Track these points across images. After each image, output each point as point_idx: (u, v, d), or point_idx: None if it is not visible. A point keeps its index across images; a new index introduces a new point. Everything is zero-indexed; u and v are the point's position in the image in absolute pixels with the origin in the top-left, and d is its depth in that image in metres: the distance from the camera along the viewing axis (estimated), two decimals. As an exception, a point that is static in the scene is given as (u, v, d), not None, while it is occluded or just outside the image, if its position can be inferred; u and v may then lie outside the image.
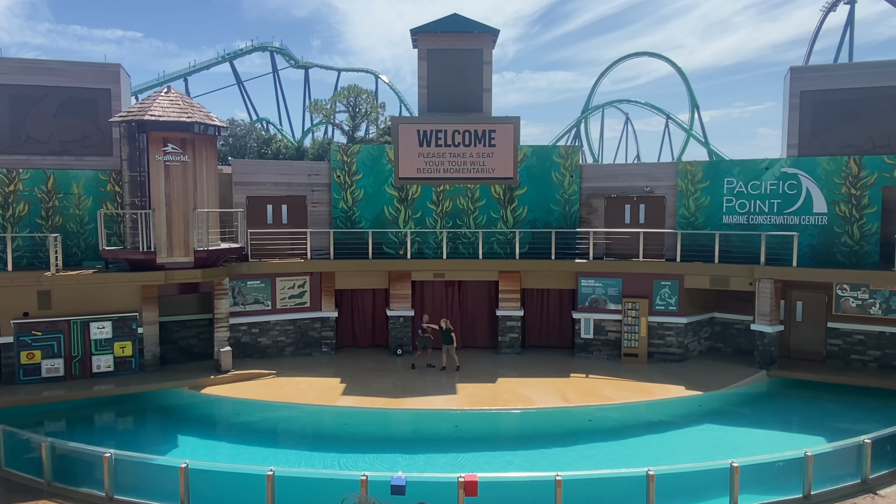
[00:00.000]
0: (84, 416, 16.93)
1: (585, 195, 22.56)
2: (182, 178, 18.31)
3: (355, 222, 22.34)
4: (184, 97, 19.33)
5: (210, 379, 18.57)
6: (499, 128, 22.20)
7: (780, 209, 20.79)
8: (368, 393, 17.74)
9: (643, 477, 11.05)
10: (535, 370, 20.14)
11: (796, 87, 20.82)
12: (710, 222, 21.48)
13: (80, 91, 19.98)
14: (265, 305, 21.35)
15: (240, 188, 21.56)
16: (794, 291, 20.69)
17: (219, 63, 79.09)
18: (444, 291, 22.93)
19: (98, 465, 11.77)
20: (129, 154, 18.18)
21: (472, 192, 22.48)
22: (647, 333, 21.05)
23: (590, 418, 16.54)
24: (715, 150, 72.45)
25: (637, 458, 14.18)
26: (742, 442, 15.25)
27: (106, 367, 18.75)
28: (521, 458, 14.25)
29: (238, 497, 11.68)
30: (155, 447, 14.61)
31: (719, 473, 11.42)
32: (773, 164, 20.94)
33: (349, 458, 14.21)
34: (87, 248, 19.91)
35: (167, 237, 18.29)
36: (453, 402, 17.03)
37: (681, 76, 75.91)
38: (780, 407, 18.13)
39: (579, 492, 11.26)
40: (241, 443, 15.46)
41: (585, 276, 21.57)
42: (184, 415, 17.27)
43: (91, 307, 18.65)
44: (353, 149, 22.60)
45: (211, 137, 19.06)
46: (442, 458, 14.23)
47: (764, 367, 19.75)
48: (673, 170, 22.14)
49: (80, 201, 19.86)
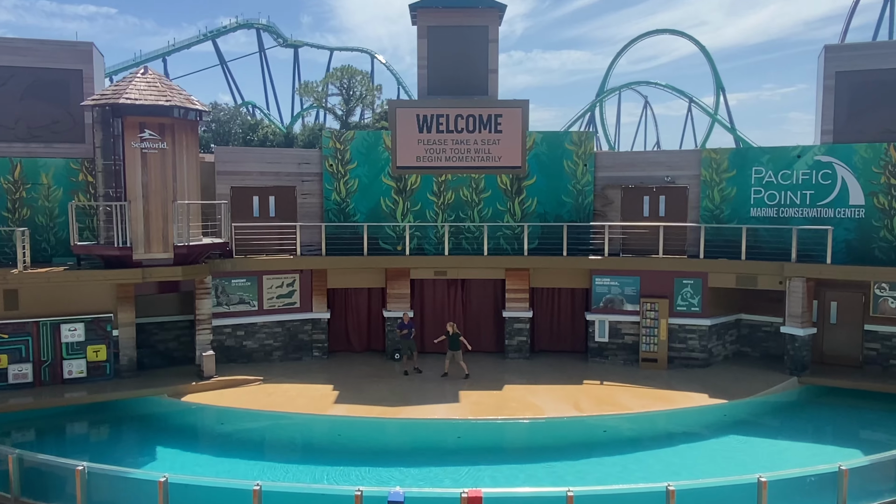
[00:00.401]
0: (55, 425, 16.99)
1: (600, 186, 22.56)
2: (160, 166, 18.34)
3: (349, 215, 22.37)
4: (162, 79, 19.35)
5: (191, 385, 18.62)
6: (506, 112, 22.20)
7: (812, 201, 20.77)
8: (363, 401, 17.79)
9: (663, 493, 11.07)
10: (544, 376, 20.17)
11: (831, 68, 20.78)
12: (736, 215, 21.47)
13: (49, 72, 20.00)
14: (251, 306, 21.40)
15: (223, 178, 21.60)
16: (827, 291, 20.68)
17: (200, 42, 79.18)
18: (446, 291, 22.96)
19: (70, 478, 11.80)
20: (103, 141, 18.21)
21: (476, 182, 22.49)
22: (667, 337, 21.07)
23: (604, 429, 16.57)
24: (742, 137, 72.36)
25: (656, 472, 14.20)
26: (770, 455, 15.26)
27: (78, 372, 18.81)
28: (530, 472, 14.29)
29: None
30: (132, 460, 14.66)
31: (746, 489, 11.43)
32: (805, 151, 20.91)
33: (342, 471, 14.25)
34: (58, 244, 19.97)
35: (144, 231, 18.33)
36: (456, 412, 17.08)
37: (705, 56, 75.78)
38: (812, 417, 18.12)
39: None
40: (225, 455, 15.50)
41: (600, 274, 21.58)
42: (163, 424, 17.32)
43: (62, 307, 18.70)
44: (347, 135, 22.62)
45: (192, 123, 19.07)
46: (443, 471, 14.27)
47: (795, 374, 19.76)
48: (696, 158, 22.13)
49: (49, 192, 19.90)
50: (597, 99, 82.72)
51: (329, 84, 51.15)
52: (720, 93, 75.90)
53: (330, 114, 52.72)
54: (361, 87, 50.85)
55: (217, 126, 49.18)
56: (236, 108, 55.02)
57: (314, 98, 52.26)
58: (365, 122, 51.36)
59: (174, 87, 19.28)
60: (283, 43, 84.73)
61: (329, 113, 52.96)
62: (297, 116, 69.54)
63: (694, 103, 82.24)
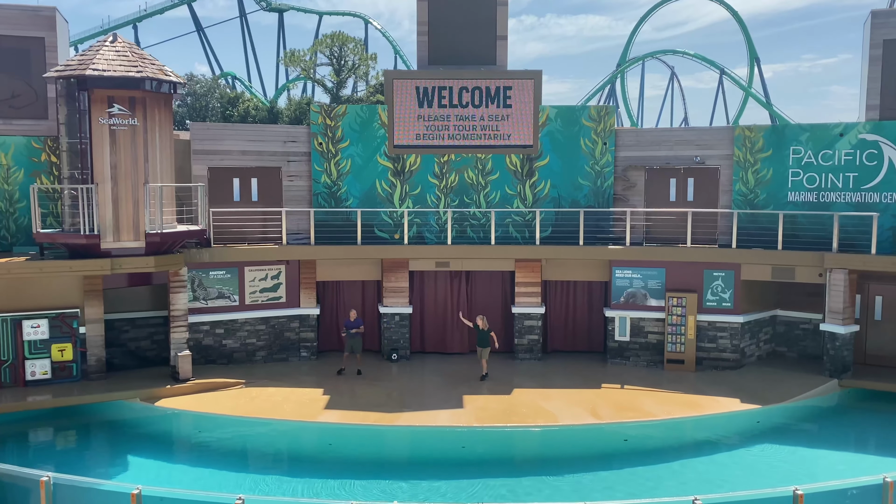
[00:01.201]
0: (17, 432, 17.09)
1: (621, 167, 22.56)
2: (131, 145, 18.37)
3: (341, 200, 22.40)
4: (133, 48, 19.35)
5: (166, 389, 18.73)
6: (516, 84, 22.17)
7: (856, 184, 20.77)
8: (357, 406, 17.88)
9: (688, 507, 11.14)
10: (558, 379, 20.27)
11: (878, 36, 20.71)
12: (772, 200, 21.48)
13: (7, 40, 19.99)
14: (231, 301, 21.49)
15: (200, 158, 21.63)
16: (872, 284, 20.71)
17: (175, 6, 78.87)
18: (449, 284, 23.03)
19: (34, 490, 11.89)
20: (68, 117, 18.24)
21: (482, 163, 22.50)
22: (695, 335, 21.13)
23: (625, 438, 16.66)
24: (779, 113, 72.17)
25: (682, 484, 14.30)
26: (808, 465, 15.35)
27: (42, 373, 18.92)
28: (542, 485, 14.37)
29: (201, 530, 11.83)
30: (101, 470, 14.78)
31: (780, 502, 11.50)
32: (848, 129, 20.89)
33: (334, 484, 14.34)
34: (19, 231, 20.04)
35: (113, 217, 18.39)
36: (460, 418, 17.17)
37: (738, 22, 75.41)
38: (853, 423, 18.19)
39: (612, 525, 11.38)
40: (204, 465, 15.60)
41: (621, 265, 21.62)
42: (135, 431, 17.43)
43: (24, 302, 18.79)
44: (338, 110, 22.63)
45: (165, 96, 19.09)
46: (446, 484, 14.35)
47: (835, 376, 19.83)
48: (728, 136, 22.11)
49: (9, 174, 19.95)
50: (618, 70, 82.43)
51: (318, 53, 50.95)
52: (755, 64, 75.59)
53: (319, 86, 52.53)
54: (354, 56, 50.65)
55: (193, 100, 49.09)
56: (214, 80, 54.91)
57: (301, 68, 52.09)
58: (358, 95, 51.23)
59: (146, 56, 19.28)
60: (266, 6, 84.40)
61: (318, 85, 52.78)
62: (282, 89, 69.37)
63: (725, 75, 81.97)
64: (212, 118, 47.91)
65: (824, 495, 12.03)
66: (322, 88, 51.69)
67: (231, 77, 74.56)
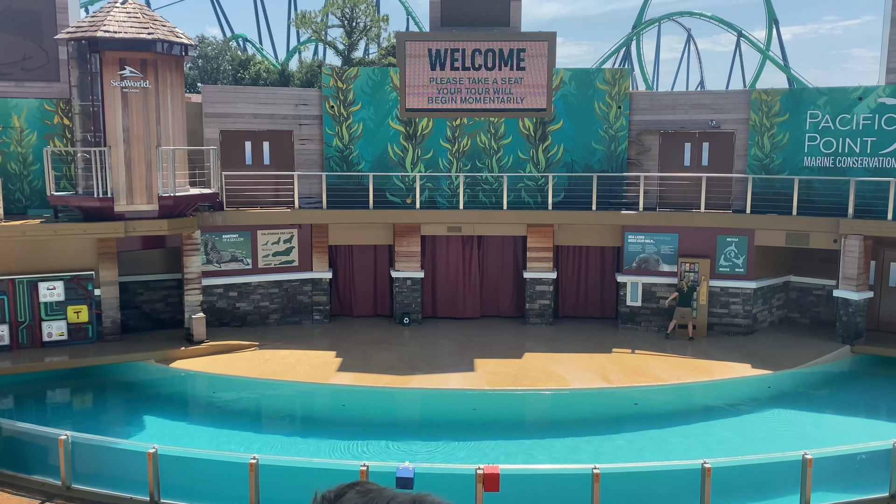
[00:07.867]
0: (35, 391, 17.42)
1: (636, 131, 22.39)
2: (143, 108, 18.37)
3: (353, 164, 22.38)
4: (144, 9, 19.25)
5: (180, 351, 18.96)
6: (530, 46, 21.95)
7: (874, 149, 20.54)
8: (370, 369, 18.06)
9: (698, 470, 11.27)
10: (569, 344, 20.35)
11: (902, -3, 20.33)
12: (788, 165, 21.30)
13: (18, 2, 19.91)
14: (244, 264, 21.62)
15: (212, 121, 21.61)
16: (887, 251, 20.60)
17: (184, -34, 78.08)
18: (461, 249, 23.06)
19: (53, 449, 12.16)
20: (80, 79, 18.23)
21: (495, 126, 22.38)
22: (707, 301, 21.13)
23: (635, 402, 16.78)
24: (797, 77, 71.11)
25: (691, 448, 14.44)
26: (818, 430, 15.45)
27: (59, 335, 19.16)
28: (552, 448, 14.56)
29: (215, 488, 12.08)
30: (118, 429, 15.08)
31: (789, 467, 11.61)
32: (867, 93, 20.61)
33: (346, 445, 14.58)
34: (33, 194, 20.17)
35: (126, 180, 18.46)
36: (471, 381, 17.32)
37: (757, -18, 73.97)
38: (865, 389, 18.26)
39: (621, 487, 11.53)
40: (218, 426, 15.88)
41: (633, 230, 21.57)
42: (150, 392, 17.72)
43: (39, 264, 18.98)
44: (350, 73, 22.49)
45: (177, 58, 19.02)
46: (457, 446, 14.56)
47: (847, 342, 19.82)
48: (744, 100, 21.87)
49: (21, 136, 20.02)
50: (633, 32, 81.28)
51: (329, 14, 50.45)
52: (773, 26, 74.36)
53: (330, 48, 52.09)
54: (366, 17, 50.13)
55: (204, 62, 48.87)
56: (225, 42, 54.58)
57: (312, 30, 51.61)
58: (370, 57, 50.82)
59: (157, 18, 19.19)
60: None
61: (329, 47, 52.34)
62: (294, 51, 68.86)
63: (743, 38, 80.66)
64: (223, 81, 47.71)
65: (833, 460, 12.14)
66: (333, 51, 51.24)
67: (242, 39, 74.02)
